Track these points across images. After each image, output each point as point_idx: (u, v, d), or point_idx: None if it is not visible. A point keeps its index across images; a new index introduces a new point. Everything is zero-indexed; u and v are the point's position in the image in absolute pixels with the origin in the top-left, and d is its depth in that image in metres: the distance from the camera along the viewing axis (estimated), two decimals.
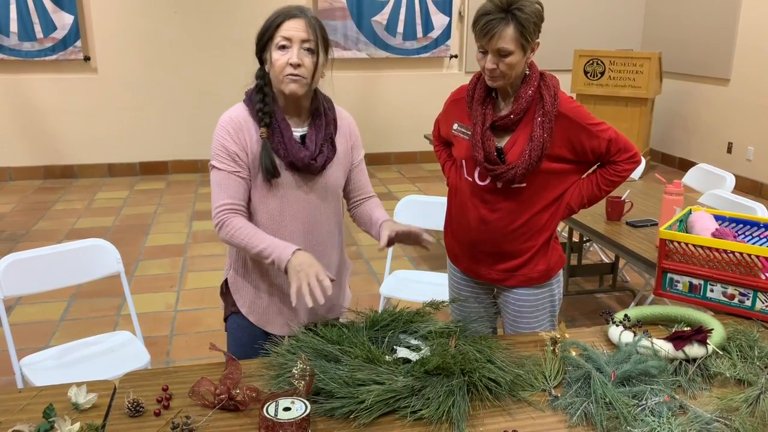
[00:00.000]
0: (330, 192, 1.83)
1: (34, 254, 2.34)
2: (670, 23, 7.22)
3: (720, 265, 1.89)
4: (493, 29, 1.74)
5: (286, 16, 1.69)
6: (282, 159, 1.74)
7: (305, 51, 1.68)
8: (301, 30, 1.68)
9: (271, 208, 1.77)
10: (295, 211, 1.79)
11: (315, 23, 1.70)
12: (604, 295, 4.05)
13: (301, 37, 1.67)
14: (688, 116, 7.05)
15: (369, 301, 3.81)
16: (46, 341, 3.39)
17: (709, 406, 1.43)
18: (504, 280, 2.03)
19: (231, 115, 1.77)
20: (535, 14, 1.76)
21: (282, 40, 1.68)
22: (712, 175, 3.67)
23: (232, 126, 1.74)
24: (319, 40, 1.70)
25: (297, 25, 1.68)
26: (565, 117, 1.86)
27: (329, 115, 1.83)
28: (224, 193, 1.74)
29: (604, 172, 1.96)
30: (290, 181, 1.77)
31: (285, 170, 1.75)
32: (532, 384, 1.51)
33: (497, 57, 1.78)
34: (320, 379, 1.43)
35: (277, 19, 1.70)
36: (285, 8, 1.72)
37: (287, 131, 1.74)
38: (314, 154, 1.75)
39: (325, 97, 1.86)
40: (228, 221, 1.72)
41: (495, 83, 1.85)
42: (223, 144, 1.74)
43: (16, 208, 5.71)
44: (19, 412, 1.42)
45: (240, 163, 1.74)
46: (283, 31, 1.68)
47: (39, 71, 6.45)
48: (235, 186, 1.74)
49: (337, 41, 6.93)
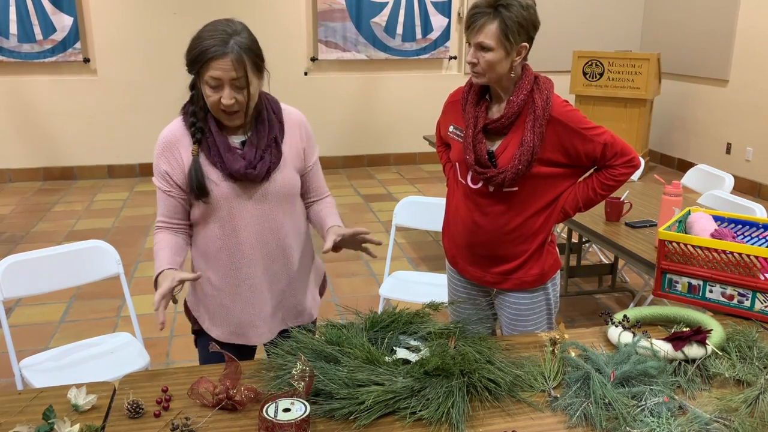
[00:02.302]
0: (282, 197, 1.77)
1: (33, 256, 2.34)
2: (669, 24, 7.22)
3: (719, 266, 1.89)
4: (476, 22, 1.78)
5: (213, 55, 1.58)
6: (220, 170, 1.69)
7: (236, 89, 1.62)
8: (229, 70, 1.59)
9: (221, 221, 1.74)
10: (246, 222, 1.74)
11: (242, 54, 1.60)
12: (603, 295, 4.05)
13: (230, 77, 1.60)
14: (687, 117, 7.06)
15: (368, 302, 3.81)
16: (45, 343, 3.39)
17: (708, 407, 1.43)
18: (499, 284, 2.03)
19: (166, 132, 1.74)
20: (522, 16, 1.76)
21: (211, 80, 1.60)
22: (711, 175, 3.67)
23: (166, 144, 1.72)
24: (249, 71, 1.62)
25: (224, 65, 1.58)
26: (558, 121, 1.85)
27: (273, 119, 1.76)
28: (160, 210, 1.77)
29: (600, 176, 1.95)
30: (234, 192, 1.71)
31: (226, 181, 1.70)
32: (531, 385, 1.51)
33: (478, 51, 1.80)
34: (320, 380, 1.43)
35: (205, 55, 1.59)
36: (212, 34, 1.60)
37: (223, 142, 1.69)
38: (253, 162, 1.69)
39: (271, 100, 1.80)
40: (156, 235, 1.78)
41: (477, 79, 1.86)
42: (158, 164, 1.73)
43: (16, 210, 5.70)
44: (18, 414, 1.42)
45: (172, 183, 1.72)
46: (211, 71, 1.59)
47: (38, 73, 6.45)
48: (168, 205, 1.75)
49: (337, 42, 6.94)
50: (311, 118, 2.67)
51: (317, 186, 1.91)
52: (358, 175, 7.09)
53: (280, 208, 1.78)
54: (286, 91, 7.29)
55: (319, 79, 7.07)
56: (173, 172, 1.71)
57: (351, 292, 4.06)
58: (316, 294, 1.98)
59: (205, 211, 1.74)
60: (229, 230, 1.74)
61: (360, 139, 7.37)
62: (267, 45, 1.69)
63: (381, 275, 4.24)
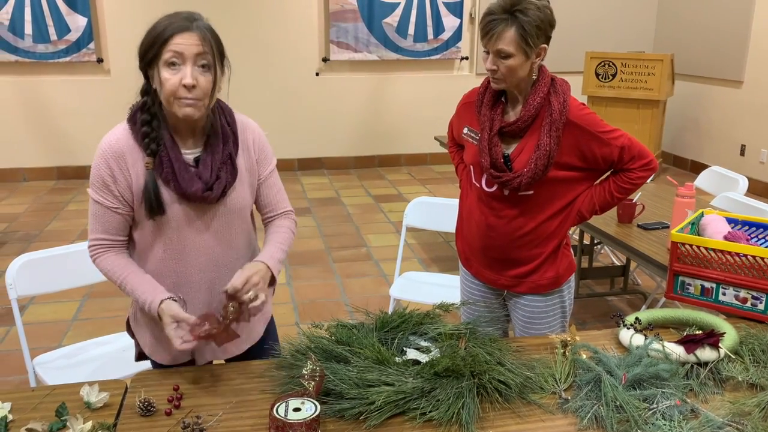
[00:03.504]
0: (236, 216, 1.63)
1: (47, 254, 2.36)
2: (683, 25, 7.17)
3: (732, 269, 1.87)
4: (493, 30, 1.74)
5: (176, 30, 1.45)
6: (173, 191, 1.53)
7: (200, 68, 1.47)
8: (194, 44, 1.45)
9: (166, 243, 1.59)
10: (197, 245, 1.60)
11: (209, 35, 1.49)
12: (615, 297, 4.03)
13: (194, 51, 1.45)
14: (701, 118, 7.00)
15: (379, 303, 3.81)
16: (58, 341, 3.42)
17: (721, 410, 1.42)
18: (513, 286, 2.02)
19: (111, 140, 1.54)
20: (540, 19, 1.73)
21: (172, 56, 1.45)
22: (725, 177, 3.64)
23: (113, 155, 1.52)
24: (215, 54, 1.49)
25: (189, 39, 1.45)
26: (575, 125, 1.83)
27: (227, 131, 1.60)
28: (99, 227, 1.57)
29: (617, 179, 1.92)
30: (185, 214, 1.56)
31: (177, 203, 1.55)
32: (542, 386, 1.51)
33: (497, 58, 1.77)
34: (330, 380, 1.43)
35: (165, 32, 1.45)
36: (172, 18, 1.48)
37: (177, 158, 1.53)
38: (210, 182, 1.54)
39: (225, 108, 1.64)
40: (100, 257, 1.59)
41: (497, 85, 1.84)
42: (101, 175, 1.53)
43: (30, 209, 5.76)
44: (32, 411, 1.43)
45: (120, 198, 1.55)
46: (173, 45, 1.44)
47: (53, 73, 6.50)
48: (112, 221, 1.57)
49: (348, 43, 6.95)
50: (323, 118, 2.65)
51: (273, 201, 1.73)
52: (369, 175, 7.10)
53: (233, 227, 1.64)
54: (297, 92, 7.34)
55: (330, 79, 7.08)
56: (119, 185, 1.54)
57: (361, 292, 4.06)
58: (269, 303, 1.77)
59: (149, 232, 1.59)
60: (176, 253, 1.60)
61: (371, 139, 7.38)
62: (279, 45, 1.68)
63: (391, 276, 4.24)
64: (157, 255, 1.61)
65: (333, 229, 5.25)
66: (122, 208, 1.57)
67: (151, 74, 1.51)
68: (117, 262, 1.59)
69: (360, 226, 5.36)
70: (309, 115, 7.09)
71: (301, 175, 7.02)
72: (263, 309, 1.56)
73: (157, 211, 1.54)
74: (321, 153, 7.27)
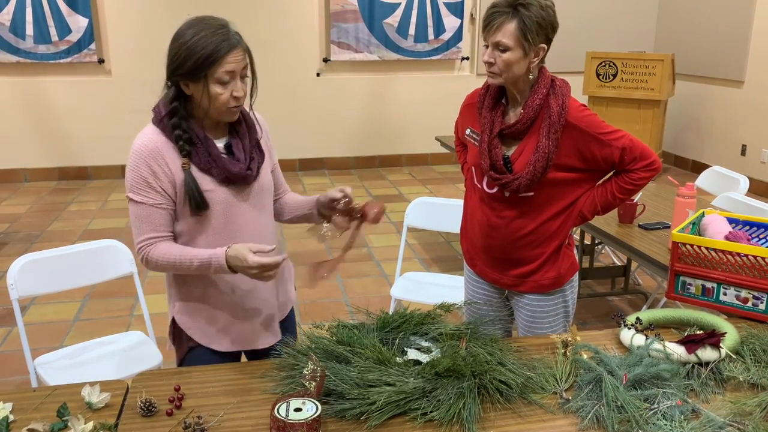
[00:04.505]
0: (266, 195, 1.78)
1: (48, 255, 2.37)
2: (684, 25, 7.17)
3: (733, 269, 1.87)
4: (494, 21, 1.77)
5: (228, 49, 1.54)
6: (214, 177, 1.64)
7: (243, 79, 1.61)
8: (241, 60, 1.58)
9: (215, 230, 1.68)
10: (242, 225, 1.70)
11: (244, 42, 1.61)
12: (616, 297, 4.02)
13: (241, 66, 1.58)
14: (702, 118, 7.00)
15: (380, 303, 3.81)
16: (60, 341, 3.42)
17: (722, 410, 1.42)
18: (516, 286, 2.02)
19: (145, 141, 1.63)
20: (541, 16, 1.75)
21: (225, 75, 1.55)
22: (726, 177, 3.64)
23: (150, 154, 1.61)
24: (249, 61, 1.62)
25: (238, 56, 1.56)
26: (574, 127, 1.83)
27: (250, 119, 1.74)
28: (147, 227, 1.63)
29: (619, 180, 1.91)
30: (230, 196, 1.67)
31: (221, 186, 1.65)
32: (543, 387, 1.51)
33: (495, 51, 1.79)
34: (331, 380, 1.43)
35: (218, 51, 1.54)
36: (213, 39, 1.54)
37: (213, 147, 1.64)
38: (247, 163, 1.67)
39: None
40: (153, 251, 1.63)
41: (493, 80, 1.85)
42: (141, 176, 1.60)
43: (31, 209, 5.76)
44: (33, 411, 1.43)
45: (163, 194, 1.62)
46: (226, 65, 1.55)
47: (54, 74, 6.51)
48: (158, 218, 1.63)
49: (349, 43, 6.95)
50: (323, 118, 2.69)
51: (282, 181, 1.94)
52: (369, 175, 7.10)
53: (266, 206, 1.79)
54: (298, 92, 7.34)
55: (331, 79, 7.08)
56: (161, 182, 1.61)
57: (362, 292, 4.06)
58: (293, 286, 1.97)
59: (196, 223, 1.67)
60: (225, 237, 1.68)
61: (372, 139, 7.38)
62: (280, 46, 1.70)
63: (392, 276, 4.24)
64: (204, 241, 1.68)
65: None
66: (166, 203, 1.64)
67: (191, 85, 1.59)
68: (169, 246, 1.65)
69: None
70: (310, 115, 7.09)
71: (302, 176, 7.02)
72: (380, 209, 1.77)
73: (202, 207, 1.63)
74: (322, 153, 7.27)
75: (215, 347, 1.77)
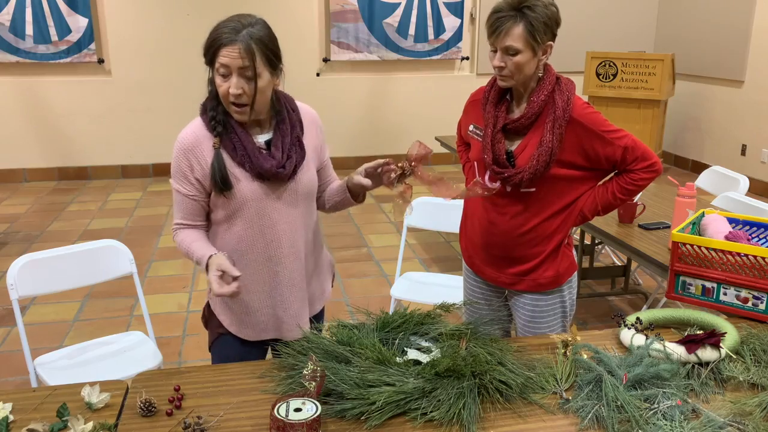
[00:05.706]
0: (303, 195, 1.79)
1: (48, 255, 2.36)
2: (683, 25, 7.17)
3: (733, 268, 1.87)
4: (501, 26, 1.76)
5: (223, 42, 1.58)
6: (248, 171, 1.69)
7: (244, 79, 1.60)
8: (237, 57, 1.58)
9: (248, 221, 1.73)
10: (275, 221, 1.75)
11: (252, 45, 1.59)
12: (616, 297, 4.02)
13: (237, 65, 1.58)
14: (702, 118, 7.00)
15: (380, 303, 3.81)
16: (59, 341, 3.42)
17: (722, 410, 1.42)
18: (514, 284, 2.02)
19: (186, 133, 1.71)
20: (547, 15, 1.76)
21: (221, 67, 1.60)
22: (726, 177, 3.64)
23: (188, 146, 1.69)
24: (258, 63, 1.60)
25: (233, 53, 1.57)
26: (578, 123, 1.84)
27: (293, 117, 1.77)
28: (179, 213, 1.76)
29: (620, 180, 1.92)
30: (262, 191, 1.72)
31: (254, 181, 1.70)
32: (543, 387, 1.51)
33: (505, 55, 1.79)
34: (331, 380, 1.43)
35: (215, 42, 1.59)
36: (220, 29, 1.60)
37: (248, 141, 1.68)
38: (282, 161, 1.70)
39: (286, 97, 1.80)
40: (176, 236, 1.77)
41: (504, 83, 1.85)
42: (180, 167, 1.71)
43: (31, 209, 5.76)
44: (33, 411, 1.43)
45: (196, 186, 1.71)
46: (221, 58, 1.59)
47: (54, 74, 6.51)
48: (189, 207, 1.75)
49: (349, 43, 6.95)
50: (323, 118, 2.69)
51: (328, 174, 1.95)
52: None
53: (304, 205, 1.80)
54: (298, 92, 7.27)
55: (331, 79, 7.08)
56: (196, 174, 1.70)
57: (362, 292, 4.06)
58: (328, 284, 2.01)
59: (230, 211, 1.73)
60: (257, 230, 1.74)
61: (372, 139, 7.38)
62: (280, 45, 1.70)
63: (392, 276, 4.24)
64: (240, 233, 1.75)
65: (334, 230, 5.25)
66: (198, 196, 1.73)
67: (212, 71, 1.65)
68: (187, 236, 1.75)
69: (361, 226, 5.36)
70: None
71: None
72: None
73: (224, 187, 1.67)
74: None
75: (242, 336, 1.82)
